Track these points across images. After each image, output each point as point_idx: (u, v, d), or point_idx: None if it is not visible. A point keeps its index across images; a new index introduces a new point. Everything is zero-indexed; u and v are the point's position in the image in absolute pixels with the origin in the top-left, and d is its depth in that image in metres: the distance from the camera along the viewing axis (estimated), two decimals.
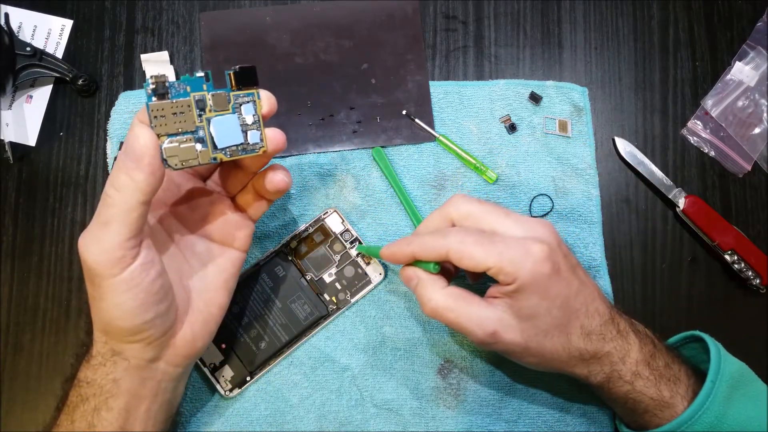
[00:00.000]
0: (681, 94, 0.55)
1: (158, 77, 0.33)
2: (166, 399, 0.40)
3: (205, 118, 0.34)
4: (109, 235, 0.33)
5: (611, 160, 0.54)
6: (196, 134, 0.34)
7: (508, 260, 0.37)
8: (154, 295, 0.35)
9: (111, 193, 0.33)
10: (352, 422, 0.48)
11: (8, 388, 0.48)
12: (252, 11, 0.53)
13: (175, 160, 0.34)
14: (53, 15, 0.53)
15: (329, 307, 0.48)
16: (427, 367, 0.49)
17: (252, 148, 0.36)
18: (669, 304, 0.52)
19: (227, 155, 0.35)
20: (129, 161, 0.32)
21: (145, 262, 0.34)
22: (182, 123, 0.34)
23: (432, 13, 0.55)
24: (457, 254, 0.38)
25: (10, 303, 0.49)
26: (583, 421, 0.48)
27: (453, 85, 0.53)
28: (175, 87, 0.33)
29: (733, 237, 0.51)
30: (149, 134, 0.33)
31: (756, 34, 0.56)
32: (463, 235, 0.39)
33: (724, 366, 0.40)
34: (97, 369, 0.37)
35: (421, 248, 0.40)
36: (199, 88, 0.34)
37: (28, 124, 0.52)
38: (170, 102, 0.33)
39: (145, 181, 0.33)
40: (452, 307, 0.39)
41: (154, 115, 0.33)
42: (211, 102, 0.35)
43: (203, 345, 0.40)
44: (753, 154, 0.54)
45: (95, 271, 0.34)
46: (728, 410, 0.38)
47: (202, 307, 0.40)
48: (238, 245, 0.42)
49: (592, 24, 0.56)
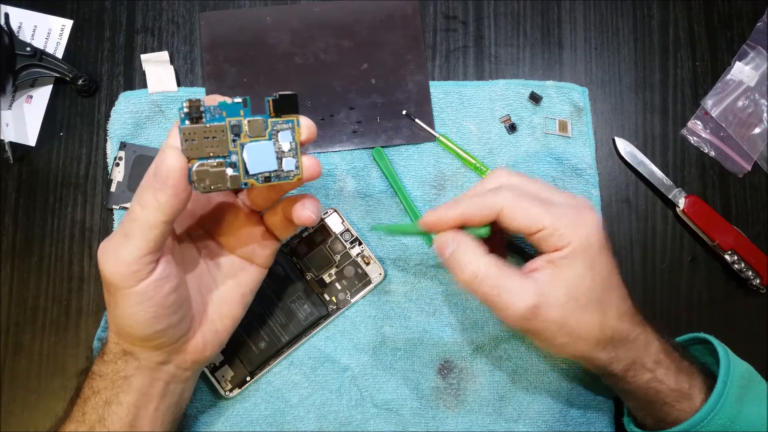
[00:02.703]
0: (681, 94, 0.55)
1: (193, 101, 0.32)
2: (174, 401, 0.40)
3: (239, 143, 0.34)
4: (127, 248, 0.34)
5: (611, 160, 0.54)
6: (229, 159, 0.34)
7: (565, 223, 0.36)
8: (166, 309, 0.36)
9: (135, 209, 0.33)
10: (352, 422, 0.48)
11: (8, 388, 0.48)
12: (252, 11, 0.53)
13: (204, 183, 0.33)
14: (53, 15, 0.53)
15: (329, 307, 0.48)
16: (427, 367, 0.49)
17: (286, 175, 0.35)
18: (669, 304, 0.52)
19: (259, 181, 0.35)
20: (155, 181, 0.33)
21: (160, 278, 0.35)
22: (215, 147, 0.33)
23: (432, 13, 0.55)
24: (511, 211, 0.37)
25: (10, 303, 0.49)
26: (583, 421, 0.48)
27: (453, 85, 0.53)
28: (210, 111, 0.33)
29: (733, 237, 0.51)
30: (177, 157, 0.32)
31: (756, 34, 0.56)
32: (517, 194, 0.38)
33: (733, 367, 0.39)
34: (109, 364, 0.38)
35: (470, 207, 0.38)
36: (236, 113, 0.34)
37: (28, 124, 0.52)
38: (203, 126, 0.33)
39: (167, 203, 0.33)
40: (493, 276, 0.37)
41: (185, 138, 0.33)
42: (247, 128, 0.34)
43: (212, 354, 0.41)
44: (753, 154, 0.54)
45: (111, 280, 0.34)
46: (740, 411, 0.38)
47: (216, 318, 0.40)
48: (260, 262, 0.42)
49: (592, 24, 0.56)
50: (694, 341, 0.45)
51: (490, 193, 0.38)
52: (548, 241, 0.37)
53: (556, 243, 0.37)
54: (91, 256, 0.50)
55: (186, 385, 0.41)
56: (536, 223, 0.37)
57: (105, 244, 0.35)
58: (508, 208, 0.37)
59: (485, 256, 0.38)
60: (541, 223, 0.37)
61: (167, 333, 0.37)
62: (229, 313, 0.41)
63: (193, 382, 0.42)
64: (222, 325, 0.41)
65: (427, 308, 0.50)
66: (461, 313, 0.50)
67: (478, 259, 0.38)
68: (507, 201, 0.37)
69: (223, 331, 0.41)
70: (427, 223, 0.40)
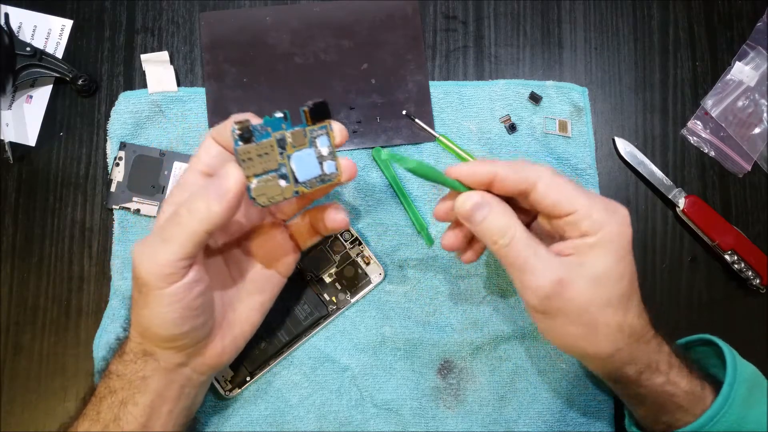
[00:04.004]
0: (681, 94, 0.55)
1: (242, 123, 0.34)
2: (187, 404, 0.41)
3: (286, 155, 0.36)
4: (166, 252, 0.34)
5: (611, 160, 0.54)
6: (279, 171, 0.36)
7: (598, 209, 0.35)
8: (193, 311, 0.36)
9: (183, 213, 0.34)
10: (352, 422, 0.48)
11: (8, 388, 0.48)
12: (252, 11, 0.53)
13: (263, 198, 0.35)
14: (53, 15, 0.53)
15: (329, 307, 0.48)
16: (427, 367, 0.49)
17: (328, 178, 0.37)
18: (669, 304, 0.52)
19: (308, 187, 0.37)
20: (212, 192, 0.34)
21: (191, 281, 0.36)
22: (267, 162, 0.35)
23: (432, 13, 0.55)
24: (547, 186, 0.36)
25: (10, 303, 0.49)
26: (584, 421, 0.48)
27: (453, 85, 0.53)
28: (258, 130, 0.35)
29: (733, 237, 0.51)
30: (240, 175, 0.34)
31: (756, 34, 0.56)
32: (553, 173, 0.37)
33: (740, 369, 0.39)
34: (128, 364, 0.39)
35: (507, 169, 0.36)
36: (278, 127, 0.36)
37: (28, 124, 0.52)
38: (255, 145, 0.35)
39: (219, 215, 0.34)
40: (528, 243, 0.36)
41: (242, 158, 0.34)
42: (291, 139, 0.36)
43: (229, 359, 0.41)
44: (753, 154, 0.54)
45: (144, 280, 0.35)
46: (747, 413, 0.38)
47: (235, 323, 0.41)
48: (282, 270, 0.43)
49: (592, 24, 0.56)
50: (697, 343, 0.45)
51: (529, 164, 0.37)
52: (578, 225, 0.36)
53: (587, 228, 0.35)
54: (91, 256, 0.50)
55: (199, 389, 0.42)
56: (571, 203, 0.35)
57: (142, 244, 0.36)
58: (545, 183, 0.36)
59: (519, 222, 0.37)
60: (575, 205, 0.35)
61: (190, 335, 0.37)
62: (248, 319, 0.42)
63: (205, 388, 0.43)
64: (240, 331, 0.41)
65: (427, 308, 0.50)
66: (461, 313, 0.50)
67: (513, 221, 0.36)
68: (545, 175, 0.36)
69: (241, 337, 0.42)
70: (458, 172, 0.38)
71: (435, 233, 0.50)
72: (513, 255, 0.36)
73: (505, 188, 0.37)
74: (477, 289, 0.50)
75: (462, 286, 0.50)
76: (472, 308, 0.50)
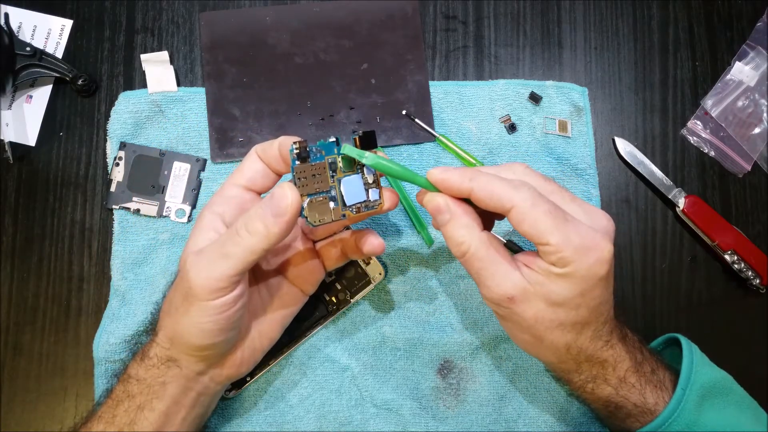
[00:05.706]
0: (681, 94, 0.55)
1: (301, 143, 0.36)
2: (201, 413, 0.42)
3: (336, 178, 0.37)
4: (223, 267, 0.35)
5: (611, 160, 0.54)
6: (329, 193, 0.37)
7: (573, 247, 0.34)
8: (231, 324, 0.37)
9: (243, 234, 0.35)
10: (352, 422, 0.47)
11: (8, 388, 0.48)
12: (252, 11, 0.53)
13: (314, 218, 0.37)
14: (53, 15, 0.53)
15: (329, 307, 0.48)
16: (427, 367, 0.49)
17: (372, 205, 0.38)
18: (669, 304, 0.52)
19: (353, 212, 0.38)
20: (270, 213, 0.35)
21: (237, 296, 0.37)
22: (319, 183, 0.37)
23: (432, 13, 0.55)
24: (521, 215, 0.35)
25: (10, 303, 0.49)
26: (583, 421, 0.48)
27: (453, 85, 0.53)
28: (313, 152, 0.37)
29: (733, 237, 0.51)
30: (296, 195, 0.35)
31: (756, 34, 0.56)
32: (536, 198, 0.35)
33: (696, 374, 0.39)
34: (150, 369, 0.39)
35: (483, 190, 0.36)
36: (331, 151, 0.37)
37: (28, 124, 0.52)
38: (310, 165, 0.36)
39: (277, 234, 0.35)
40: (482, 257, 0.36)
41: (298, 177, 0.36)
42: (341, 164, 0.37)
43: (246, 370, 0.42)
44: (753, 154, 0.54)
45: (195, 291, 0.36)
46: (699, 418, 0.38)
47: (256, 336, 0.42)
48: (305, 288, 0.44)
49: (592, 24, 0.56)
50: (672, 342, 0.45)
51: (508, 186, 0.35)
52: (548, 257, 0.35)
53: (555, 263, 0.35)
54: (91, 256, 0.50)
55: (213, 398, 0.43)
56: (542, 237, 0.35)
57: (199, 256, 0.36)
58: (519, 212, 0.35)
59: (478, 232, 0.37)
60: (546, 239, 0.35)
61: (220, 346, 0.39)
62: (269, 333, 0.43)
63: (218, 397, 0.44)
64: (260, 343, 0.42)
65: (427, 308, 0.50)
66: (461, 313, 0.50)
67: (471, 235, 0.37)
68: (521, 203, 0.35)
69: (260, 349, 0.42)
70: (435, 179, 0.38)
71: (435, 233, 0.50)
72: (468, 265, 0.38)
73: (480, 207, 0.37)
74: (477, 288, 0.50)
75: (462, 286, 0.50)
76: (472, 308, 0.50)
